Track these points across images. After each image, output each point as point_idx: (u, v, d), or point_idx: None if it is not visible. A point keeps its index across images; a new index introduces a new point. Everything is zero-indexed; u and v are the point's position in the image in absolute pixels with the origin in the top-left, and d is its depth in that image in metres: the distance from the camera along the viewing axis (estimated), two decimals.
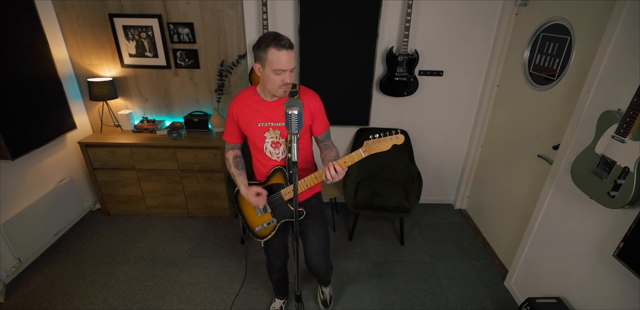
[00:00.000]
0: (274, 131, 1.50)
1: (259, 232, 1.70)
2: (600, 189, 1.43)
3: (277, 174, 1.57)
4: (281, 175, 1.56)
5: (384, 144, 1.34)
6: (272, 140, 1.52)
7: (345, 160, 1.37)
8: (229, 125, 1.59)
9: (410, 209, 2.50)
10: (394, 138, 1.33)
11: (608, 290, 1.52)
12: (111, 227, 2.85)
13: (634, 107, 1.25)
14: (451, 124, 2.94)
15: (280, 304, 2.11)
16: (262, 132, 1.51)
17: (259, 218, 1.67)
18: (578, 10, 1.83)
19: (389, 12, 2.50)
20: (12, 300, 2.14)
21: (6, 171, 2.24)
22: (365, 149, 1.35)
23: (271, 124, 1.50)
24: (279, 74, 1.33)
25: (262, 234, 1.70)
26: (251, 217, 1.70)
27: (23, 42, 2.24)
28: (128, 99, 2.90)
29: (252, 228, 1.72)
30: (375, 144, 1.34)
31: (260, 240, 1.71)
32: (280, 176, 1.56)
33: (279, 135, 1.51)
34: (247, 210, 1.70)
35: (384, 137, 1.33)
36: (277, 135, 1.51)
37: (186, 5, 2.53)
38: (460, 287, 2.31)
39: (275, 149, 1.54)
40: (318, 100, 1.56)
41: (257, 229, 1.70)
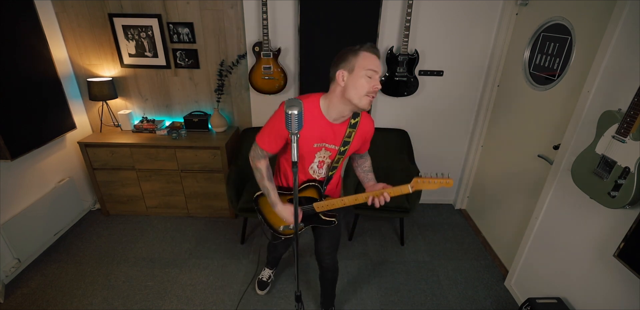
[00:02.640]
0: (325, 152, 1.47)
1: (283, 231, 1.69)
2: (600, 189, 1.43)
3: (311, 189, 1.55)
4: (315, 191, 1.55)
5: (432, 185, 1.37)
6: (319, 160, 1.49)
7: (393, 191, 1.42)
8: (275, 134, 1.39)
9: (410, 209, 2.49)
10: (444, 182, 1.35)
11: (608, 291, 1.52)
12: (111, 227, 2.85)
13: (635, 107, 1.25)
14: (451, 124, 2.94)
15: (270, 273, 2.26)
16: (314, 152, 1.45)
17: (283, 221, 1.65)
18: (578, 10, 1.83)
19: (389, 12, 2.50)
20: (11, 300, 2.14)
21: (5, 171, 2.24)
22: (413, 185, 1.39)
23: (325, 145, 1.44)
24: (370, 77, 1.27)
25: (285, 233, 1.70)
26: (274, 217, 1.67)
27: (22, 42, 2.23)
28: (128, 98, 2.90)
29: (276, 227, 1.70)
30: (424, 183, 1.37)
31: (282, 236, 1.72)
32: (314, 191, 1.55)
33: (328, 156, 1.49)
34: (269, 213, 1.67)
35: (435, 178, 1.36)
36: (326, 156, 1.49)
37: (186, 5, 2.52)
38: (460, 287, 2.31)
39: (320, 168, 1.53)
40: (373, 126, 1.55)
41: (282, 228, 1.68)
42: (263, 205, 1.68)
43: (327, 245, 1.80)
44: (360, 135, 1.49)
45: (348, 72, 1.29)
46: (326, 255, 1.82)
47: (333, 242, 1.80)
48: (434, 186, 1.36)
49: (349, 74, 1.29)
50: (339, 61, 1.32)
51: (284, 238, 1.76)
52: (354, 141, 1.47)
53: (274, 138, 1.41)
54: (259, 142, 1.45)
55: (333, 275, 1.93)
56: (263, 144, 1.44)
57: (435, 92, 2.79)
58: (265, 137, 1.43)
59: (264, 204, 1.66)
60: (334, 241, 1.80)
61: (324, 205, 1.54)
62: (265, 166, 1.50)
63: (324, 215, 1.62)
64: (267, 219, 1.71)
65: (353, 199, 1.48)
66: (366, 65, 1.26)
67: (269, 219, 1.70)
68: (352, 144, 1.47)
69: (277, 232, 1.72)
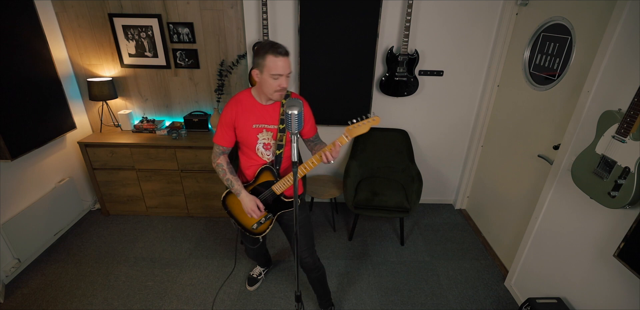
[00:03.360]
0: (267, 133, 1.60)
1: (255, 229, 1.75)
2: (600, 189, 1.43)
3: (265, 172, 1.65)
4: (269, 172, 1.64)
5: (363, 127, 1.46)
6: (264, 142, 1.61)
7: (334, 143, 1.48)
8: (224, 127, 1.61)
9: (410, 209, 2.49)
10: (371, 121, 1.45)
11: (608, 291, 1.52)
12: (111, 227, 2.85)
13: (635, 107, 1.25)
14: (451, 124, 2.94)
15: (260, 270, 2.31)
16: (256, 133, 1.59)
17: (253, 218, 1.72)
18: (578, 10, 1.83)
19: (389, 12, 2.50)
20: (11, 300, 2.14)
21: (6, 171, 2.24)
22: (347, 133, 1.48)
23: (265, 125, 1.59)
24: (276, 79, 1.43)
25: (259, 231, 1.76)
26: (245, 218, 1.75)
27: (22, 42, 2.23)
28: (128, 98, 2.90)
29: (248, 227, 1.76)
30: (355, 128, 1.46)
31: (257, 236, 1.77)
32: (269, 174, 1.65)
33: (270, 137, 1.61)
34: (237, 212, 1.75)
35: (362, 121, 1.45)
36: (269, 137, 1.61)
37: (186, 5, 2.53)
38: (461, 288, 2.31)
39: (267, 150, 1.63)
40: (306, 106, 1.66)
41: (254, 226, 1.74)
42: (232, 206, 1.76)
43: (302, 246, 1.78)
44: None
45: (260, 72, 1.45)
46: (304, 256, 1.80)
47: (307, 241, 1.79)
48: (365, 128, 1.45)
49: (260, 74, 1.46)
50: (254, 59, 1.46)
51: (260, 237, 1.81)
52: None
53: (223, 131, 1.61)
54: (214, 140, 1.65)
55: (318, 274, 1.90)
56: (217, 139, 1.63)
57: (435, 92, 2.79)
58: (218, 134, 1.63)
59: (232, 203, 1.75)
60: (308, 239, 1.80)
61: (281, 184, 1.62)
62: (225, 161, 1.66)
63: (285, 197, 1.69)
64: (238, 221, 1.77)
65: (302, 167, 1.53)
66: (271, 70, 1.41)
67: (240, 219, 1.76)
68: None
69: (252, 232, 1.77)
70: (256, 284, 2.26)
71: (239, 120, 1.58)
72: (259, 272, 2.30)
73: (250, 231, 1.77)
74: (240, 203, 1.70)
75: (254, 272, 2.31)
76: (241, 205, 1.71)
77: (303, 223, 1.77)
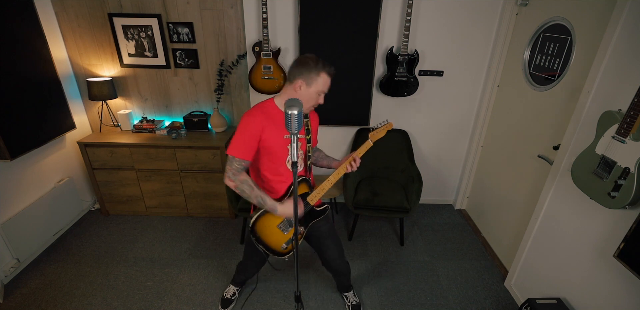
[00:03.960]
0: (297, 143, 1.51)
1: (286, 249, 1.68)
2: (600, 189, 1.43)
3: (302, 184, 1.61)
4: (305, 184, 1.63)
5: (382, 132, 1.64)
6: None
7: (360, 151, 1.60)
8: (248, 139, 1.45)
9: (410, 209, 2.49)
10: (386, 126, 1.65)
11: (608, 291, 1.52)
12: (110, 227, 2.84)
13: (635, 107, 1.25)
14: (451, 124, 2.94)
15: (234, 290, 2.15)
16: (286, 144, 1.51)
17: (285, 235, 1.65)
18: (578, 10, 1.83)
19: (389, 12, 2.50)
20: (11, 300, 2.13)
21: (5, 171, 2.23)
22: (371, 138, 1.61)
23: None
24: (319, 95, 1.49)
25: (288, 250, 1.69)
26: (276, 239, 1.64)
27: (22, 41, 2.23)
28: (127, 98, 2.89)
29: (278, 249, 1.67)
30: (376, 133, 1.63)
31: (286, 256, 1.69)
32: (305, 186, 1.63)
33: (300, 146, 1.59)
34: (269, 235, 1.64)
35: (381, 127, 1.64)
36: (299, 147, 1.58)
37: (186, 5, 2.52)
38: (460, 288, 2.31)
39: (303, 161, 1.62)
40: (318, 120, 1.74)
41: (284, 246, 1.67)
42: (261, 230, 1.63)
43: (335, 255, 1.84)
44: (313, 125, 1.68)
45: (306, 85, 1.45)
46: (338, 264, 1.87)
47: (339, 249, 1.85)
48: (383, 132, 1.64)
49: (306, 87, 1.46)
50: (301, 69, 1.44)
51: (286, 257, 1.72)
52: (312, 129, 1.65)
53: (247, 143, 1.45)
54: (233, 153, 1.45)
55: (347, 274, 2.02)
56: (240, 154, 1.45)
57: (435, 92, 2.79)
58: (240, 147, 1.46)
59: (262, 227, 1.63)
60: (339, 247, 1.85)
61: (315, 195, 1.61)
62: (249, 177, 1.51)
63: (316, 207, 1.70)
64: (267, 245, 1.66)
65: (336, 174, 1.60)
66: (323, 87, 1.47)
67: (268, 243, 1.65)
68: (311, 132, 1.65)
69: (281, 253, 1.68)
70: (230, 305, 2.09)
71: (267, 132, 1.45)
72: (232, 292, 2.13)
73: (279, 252, 1.67)
74: (272, 224, 1.62)
75: (227, 292, 2.13)
76: (273, 226, 1.62)
77: (331, 232, 1.81)
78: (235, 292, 2.16)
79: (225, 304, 2.10)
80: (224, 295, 2.14)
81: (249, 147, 1.46)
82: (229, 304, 2.10)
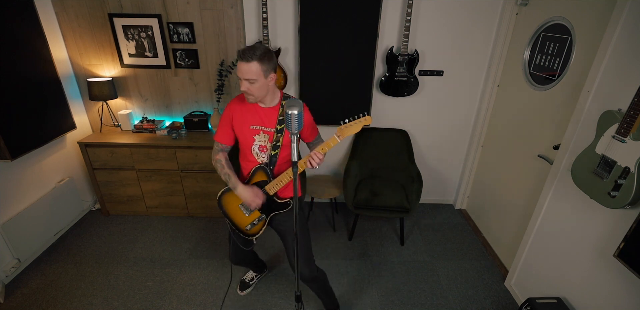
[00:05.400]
0: (264, 135, 1.60)
1: (249, 230, 1.75)
2: (600, 189, 1.43)
3: (259, 172, 1.65)
4: (263, 172, 1.65)
5: (355, 127, 1.45)
6: (260, 144, 1.62)
7: (323, 147, 1.48)
8: (224, 125, 1.64)
9: (410, 209, 2.49)
10: (362, 120, 1.44)
11: (608, 291, 1.52)
12: (111, 227, 2.85)
13: (635, 107, 1.25)
14: (451, 124, 2.94)
15: (253, 275, 2.29)
16: (252, 134, 1.60)
17: (247, 217, 1.72)
18: (578, 10, 1.83)
19: (389, 12, 2.50)
20: (11, 300, 2.14)
21: (6, 171, 2.24)
22: (339, 133, 1.46)
23: (262, 128, 1.60)
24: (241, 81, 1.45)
25: (252, 232, 1.75)
26: (238, 217, 1.74)
27: (22, 42, 2.23)
28: (128, 98, 2.90)
29: (242, 228, 1.75)
30: (347, 128, 1.45)
31: (251, 237, 1.77)
32: (262, 174, 1.65)
33: (267, 139, 1.61)
34: (232, 212, 1.75)
35: (354, 121, 1.44)
36: (266, 140, 1.61)
37: (186, 5, 2.52)
38: (460, 288, 2.31)
39: (262, 152, 1.64)
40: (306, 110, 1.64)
41: (248, 227, 1.74)
42: (227, 206, 1.75)
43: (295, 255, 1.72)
44: None
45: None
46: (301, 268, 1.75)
47: (304, 252, 1.74)
48: (357, 128, 1.45)
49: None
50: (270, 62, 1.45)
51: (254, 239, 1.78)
52: None
53: (223, 129, 1.64)
54: (214, 137, 1.68)
55: (318, 284, 1.86)
56: (218, 137, 1.67)
57: (435, 92, 2.79)
58: (218, 132, 1.66)
59: (227, 203, 1.74)
60: (305, 251, 1.74)
61: (274, 184, 1.62)
62: (223, 157, 1.68)
63: (279, 198, 1.69)
64: (233, 221, 1.76)
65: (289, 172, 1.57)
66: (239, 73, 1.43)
67: (234, 220, 1.75)
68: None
69: (245, 233, 1.75)
70: (248, 289, 2.23)
71: (236, 120, 1.61)
72: (251, 277, 2.28)
73: (244, 232, 1.76)
74: (235, 203, 1.71)
75: (247, 276, 2.28)
76: (235, 205, 1.71)
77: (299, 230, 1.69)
78: (254, 277, 2.29)
79: (243, 287, 2.24)
80: (244, 278, 2.29)
81: (223, 132, 1.65)
82: (246, 287, 2.24)
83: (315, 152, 1.47)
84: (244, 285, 2.24)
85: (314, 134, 1.74)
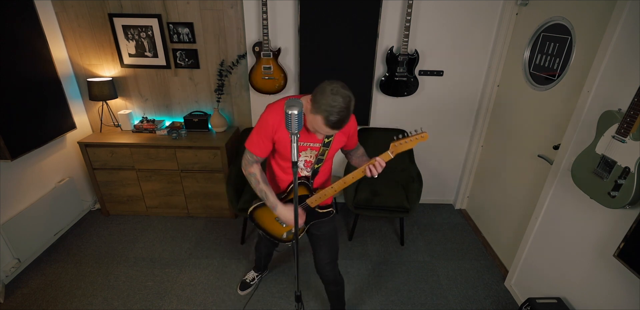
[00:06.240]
0: (311, 151, 1.53)
1: (287, 237, 1.72)
2: (600, 189, 1.43)
3: (300, 186, 1.58)
4: (304, 187, 1.59)
5: (410, 144, 1.41)
6: (306, 159, 1.55)
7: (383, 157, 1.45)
8: (262, 137, 1.45)
9: (410, 209, 2.49)
10: (419, 137, 1.40)
11: (608, 291, 1.52)
12: (111, 227, 2.85)
13: (635, 107, 1.25)
14: (451, 124, 2.94)
15: (254, 275, 2.28)
16: (300, 150, 1.50)
17: (285, 227, 1.69)
18: (578, 10, 1.83)
19: (389, 12, 2.50)
20: (11, 300, 2.14)
21: (6, 171, 2.24)
22: (393, 150, 1.42)
23: (310, 144, 1.50)
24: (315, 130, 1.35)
25: (290, 239, 1.72)
26: (275, 228, 1.70)
27: (22, 42, 2.23)
28: (128, 98, 2.90)
29: (279, 237, 1.72)
30: (401, 145, 1.41)
31: (289, 243, 1.74)
32: (304, 188, 1.59)
33: (314, 155, 1.54)
34: (268, 224, 1.71)
35: (410, 137, 1.39)
36: (312, 155, 1.54)
37: (186, 5, 2.52)
38: (460, 288, 2.31)
39: (306, 167, 1.57)
40: (355, 121, 1.60)
41: (285, 235, 1.71)
42: (260, 218, 1.70)
43: (326, 259, 1.76)
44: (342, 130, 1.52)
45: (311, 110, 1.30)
46: (327, 270, 1.78)
47: (332, 254, 1.76)
48: (412, 144, 1.41)
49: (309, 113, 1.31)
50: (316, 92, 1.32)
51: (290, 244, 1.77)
52: (336, 136, 1.52)
53: (261, 140, 1.47)
54: (248, 147, 1.50)
55: (337, 288, 1.87)
56: (253, 148, 1.49)
57: (435, 92, 2.79)
58: (254, 142, 1.48)
59: (261, 216, 1.69)
60: (333, 253, 1.77)
61: (316, 198, 1.57)
62: (258, 170, 1.53)
63: (320, 208, 1.65)
64: (268, 231, 1.72)
65: (341, 182, 1.51)
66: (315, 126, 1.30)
67: (270, 230, 1.72)
68: (334, 138, 1.51)
69: (282, 240, 1.73)
70: (248, 289, 2.23)
71: (280, 136, 1.44)
72: (252, 277, 2.27)
73: (280, 239, 1.73)
74: (270, 216, 1.66)
75: (248, 277, 2.28)
76: (271, 218, 1.67)
77: (330, 235, 1.73)
78: (255, 278, 2.28)
79: (243, 287, 2.24)
80: (244, 278, 2.28)
81: (260, 144, 1.48)
82: (247, 287, 2.24)
83: (379, 160, 1.41)
84: (244, 285, 2.24)
85: (356, 143, 1.69)
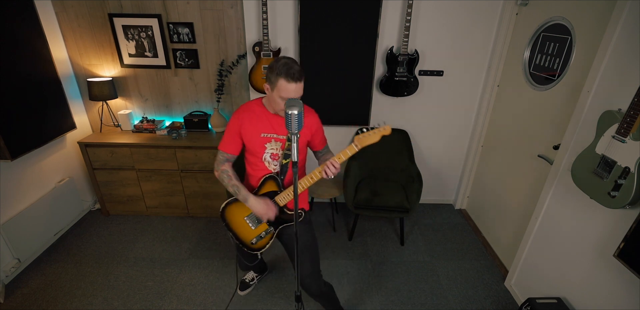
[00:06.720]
0: (276, 143, 1.55)
1: (254, 244, 1.68)
2: (600, 189, 1.43)
3: (269, 181, 1.59)
4: (273, 182, 1.59)
5: (373, 137, 1.43)
6: (272, 152, 1.57)
7: (340, 156, 1.45)
8: (231, 135, 1.57)
9: (410, 209, 2.49)
10: (382, 130, 1.42)
11: (608, 291, 1.52)
12: (111, 227, 2.85)
13: (635, 107, 1.25)
14: (451, 124, 2.94)
15: (253, 275, 2.28)
16: (263, 142, 1.55)
17: (254, 230, 1.66)
18: (578, 10, 1.83)
19: (389, 12, 2.50)
20: (11, 300, 2.14)
21: (6, 171, 2.24)
22: (357, 143, 1.44)
23: (274, 135, 1.54)
24: (284, 100, 1.40)
25: (258, 246, 1.68)
26: (244, 231, 1.68)
27: (22, 42, 2.23)
28: (128, 98, 2.90)
29: (247, 243, 1.68)
30: (365, 137, 1.42)
31: (256, 252, 1.69)
32: (273, 184, 1.59)
33: (279, 147, 1.55)
34: (237, 225, 1.68)
35: (373, 130, 1.42)
36: (277, 148, 1.56)
37: (186, 5, 2.52)
38: (460, 288, 2.31)
39: (274, 160, 1.58)
40: (318, 119, 1.63)
41: (253, 241, 1.67)
42: (230, 218, 1.68)
43: (307, 273, 1.65)
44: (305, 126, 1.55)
45: (270, 89, 1.42)
46: (307, 283, 1.67)
47: (313, 265, 1.66)
48: (376, 137, 1.43)
49: (270, 91, 1.43)
50: (268, 72, 1.41)
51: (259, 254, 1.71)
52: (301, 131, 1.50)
53: (230, 138, 1.57)
54: (220, 147, 1.60)
55: (325, 299, 1.81)
56: (223, 147, 1.59)
57: (435, 92, 2.79)
58: (225, 141, 1.58)
59: (231, 215, 1.67)
60: (314, 264, 1.66)
61: (285, 195, 1.56)
62: (230, 167, 1.61)
63: (289, 210, 1.63)
64: (237, 235, 1.69)
65: (308, 178, 1.52)
66: (281, 92, 1.38)
67: (238, 233, 1.69)
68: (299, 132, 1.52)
69: (250, 247, 1.69)
70: (248, 289, 2.23)
71: (245, 129, 1.53)
72: (251, 277, 2.27)
73: (248, 247, 1.68)
74: (240, 215, 1.65)
75: (247, 276, 2.28)
76: (241, 217, 1.65)
77: (308, 244, 1.64)
78: (254, 278, 2.28)
79: (243, 287, 2.24)
80: (244, 278, 2.27)
81: (230, 142, 1.57)
82: (246, 287, 2.24)
83: (332, 161, 1.42)
84: (244, 285, 2.24)
85: (323, 143, 1.70)
